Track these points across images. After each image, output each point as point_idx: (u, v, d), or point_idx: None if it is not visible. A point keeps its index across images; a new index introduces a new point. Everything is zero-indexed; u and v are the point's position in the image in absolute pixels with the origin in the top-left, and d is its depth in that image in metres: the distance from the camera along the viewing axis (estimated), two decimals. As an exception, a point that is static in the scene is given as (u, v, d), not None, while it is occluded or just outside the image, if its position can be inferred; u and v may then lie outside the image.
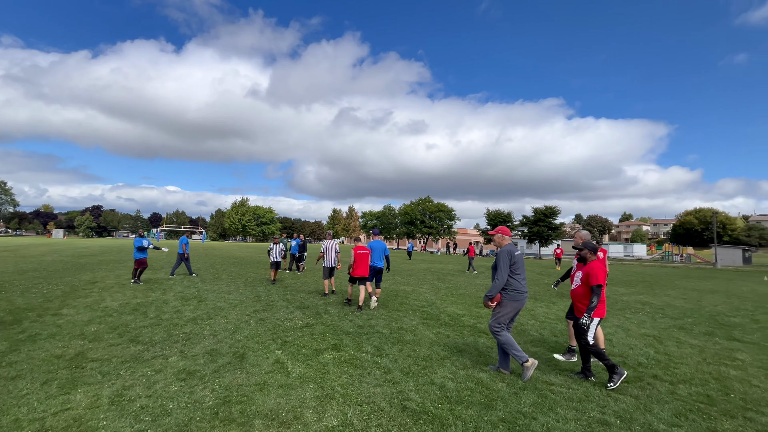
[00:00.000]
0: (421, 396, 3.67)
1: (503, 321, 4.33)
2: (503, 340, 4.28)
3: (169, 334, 5.58)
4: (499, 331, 4.32)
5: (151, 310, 7.25)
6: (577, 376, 4.31)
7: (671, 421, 3.30)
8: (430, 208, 59.50)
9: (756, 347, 5.91)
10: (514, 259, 4.35)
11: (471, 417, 3.26)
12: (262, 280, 12.46)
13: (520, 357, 4.19)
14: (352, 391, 3.74)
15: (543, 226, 41.53)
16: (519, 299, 4.31)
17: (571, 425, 3.18)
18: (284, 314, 7.21)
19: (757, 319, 8.36)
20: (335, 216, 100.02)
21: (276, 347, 5.10)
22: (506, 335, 4.30)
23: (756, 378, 4.47)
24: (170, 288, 10.02)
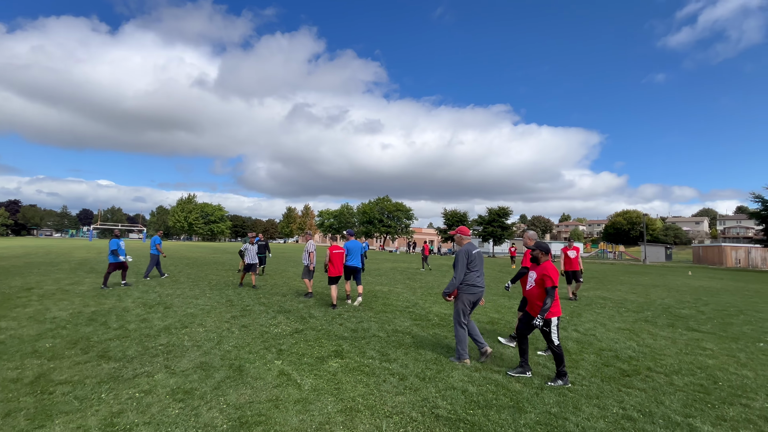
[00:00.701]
0: (448, 402, 3.55)
1: (465, 312, 4.73)
2: (459, 334, 4.71)
3: (144, 348, 4.93)
4: (465, 324, 4.73)
5: (112, 319, 6.41)
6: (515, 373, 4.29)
7: (684, 412, 3.50)
8: (389, 207, 59.91)
9: (714, 337, 6.55)
10: (471, 258, 4.73)
11: (507, 422, 3.20)
12: (227, 282, 11.64)
13: (461, 354, 4.66)
14: (375, 402, 3.53)
15: (496, 226, 43.57)
16: (474, 292, 4.74)
17: (600, 423, 3.24)
18: (267, 320, 6.74)
19: (702, 310, 9.33)
20: (290, 214, 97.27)
21: (273, 357, 4.71)
22: (463, 332, 4.72)
23: (730, 366, 4.92)
24: (126, 293, 8.98)
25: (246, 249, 10.77)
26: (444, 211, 49.23)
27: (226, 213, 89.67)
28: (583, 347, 5.55)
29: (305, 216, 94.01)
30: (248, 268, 10.79)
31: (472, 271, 4.72)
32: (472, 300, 4.76)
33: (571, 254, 10.25)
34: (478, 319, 7.31)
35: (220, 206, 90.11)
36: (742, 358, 5.30)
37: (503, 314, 8.03)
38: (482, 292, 4.81)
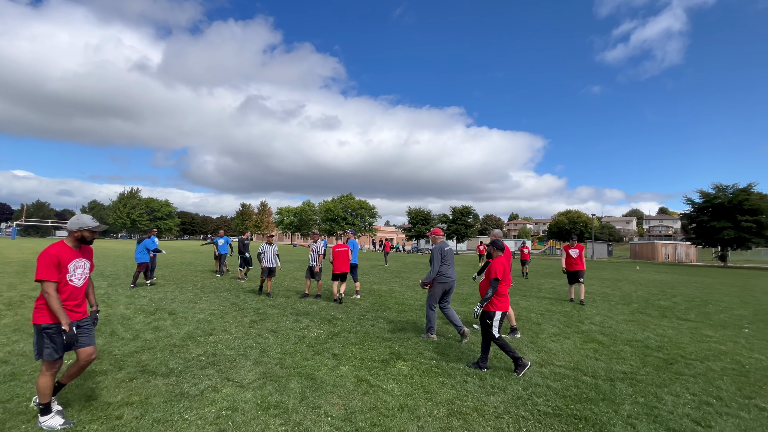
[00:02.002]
0: (543, 399, 3.61)
1: (436, 297, 5.69)
2: (429, 315, 5.68)
3: (183, 359, 4.46)
4: (434, 307, 5.66)
5: (118, 329, 5.72)
6: (472, 367, 4.40)
7: (742, 394, 3.87)
8: (353, 205, 59.46)
9: (705, 325, 7.31)
10: (444, 254, 5.68)
11: (610, 414, 3.32)
12: (214, 285, 10.90)
13: (430, 330, 5.64)
14: (474, 403, 3.49)
15: (460, 224, 45.06)
16: (446, 281, 5.69)
17: (686, 409, 3.48)
18: (291, 323, 6.40)
19: (676, 301, 10.37)
20: (245, 211, 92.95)
21: (334, 362, 4.49)
22: (432, 313, 5.66)
23: (743, 351, 5.52)
24: (113, 299, 8.05)
25: (264, 251, 9.17)
26: (408, 210, 49.97)
27: (174, 209, 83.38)
28: (612, 339, 5.91)
29: (262, 213, 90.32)
30: (268, 272, 9.10)
31: (444, 265, 5.67)
32: (445, 288, 5.70)
33: (573, 253, 9.43)
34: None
35: (168, 202, 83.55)
36: (744, 343, 5.97)
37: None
38: (453, 282, 5.74)
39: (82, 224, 3.05)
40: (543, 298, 10.11)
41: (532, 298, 10.15)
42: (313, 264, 8.96)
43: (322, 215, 62.05)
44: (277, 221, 72.76)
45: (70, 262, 2.94)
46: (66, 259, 2.92)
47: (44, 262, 2.81)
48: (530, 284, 13.57)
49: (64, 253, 2.94)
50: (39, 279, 2.78)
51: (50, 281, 2.79)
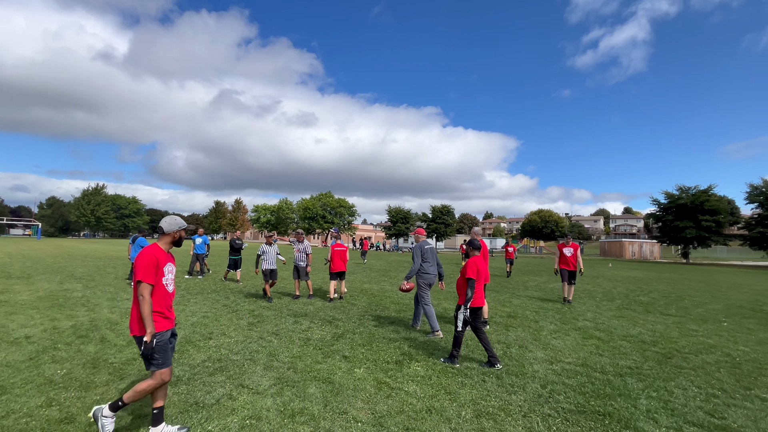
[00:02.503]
0: (564, 397, 3.67)
1: (426, 293, 5.99)
2: (427, 312, 5.88)
3: (189, 366, 4.23)
4: (427, 302, 5.94)
5: (108, 335, 5.37)
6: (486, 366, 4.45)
7: (741, 385, 4.09)
8: (331, 203, 58.91)
9: (687, 319, 7.71)
10: (424, 251, 6.06)
11: (630, 408, 3.42)
12: (201, 286, 10.49)
13: (434, 327, 5.81)
14: (498, 403, 3.50)
15: (440, 223, 45.58)
16: (426, 278, 6.04)
17: (696, 402, 3.64)
18: (292, 325, 6.23)
19: (654, 297, 10.89)
20: (218, 209, 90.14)
21: (347, 365, 4.39)
22: (430, 309, 5.89)
23: (728, 343, 5.85)
24: (91, 303, 7.55)
25: (264, 252, 8.77)
26: (388, 208, 50.03)
27: (143, 207, 79.54)
28: (609, 335, 6.12)
29: (236, 211, 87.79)
30: (270, 275, 8.60)
31: (425, 262, 6.03)
32: (428, 283, 6.06)
33: (567, 252, 9.18)
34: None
35: (136, 199, 79.64)
36: (728, 336, 6.33)
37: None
38: (434, 278, 6.10)
39: (180, 224, 2.94)
40: (532, 296, 10.36)
41: (522, 296, 10.38)
42: (301, 264, 8.77)
43: (301, 213, 61.14)
44: (253, 219, 71.01)
45: (165, 265, 2.81)
46: (162, 262, 2.78)
47: (145, 262, 2.66)
48: (515, 282, 13.88)
49: (161, 255, 2.80)
50: (139, 280, 2.62)
51: (148, 284, 2.64)
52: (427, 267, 6.04)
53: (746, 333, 6.61)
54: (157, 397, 2.80)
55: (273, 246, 8.88)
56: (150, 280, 2.65)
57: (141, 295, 2.62)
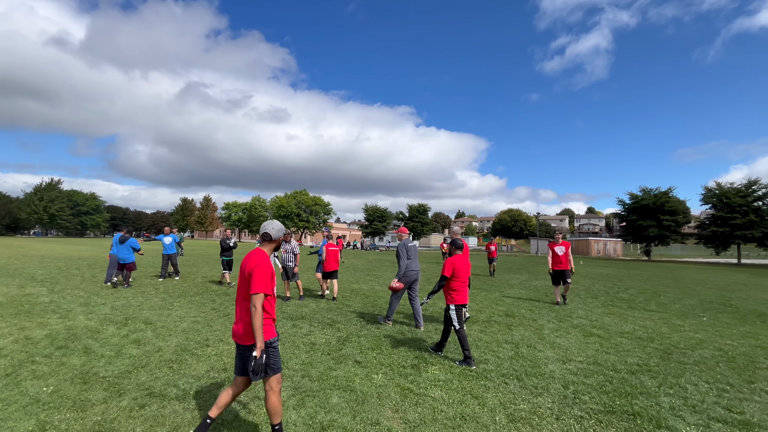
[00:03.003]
0: (589, 397, 3.67)
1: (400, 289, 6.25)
2: (392, 303, 6.29)
3: (191, 377, 3.91)
4: (398, 296, 6.28)
5: (92, 344, 4.89)
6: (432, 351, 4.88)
7: (743, 379, 4.27)
8: (307, 201, 57.88)
9: (669, 315, 8.07)
10: (408, 249, 6.31)
11: (654, 406, 3.47)
12: (182, 289, 9.91)
13: (389, 316, 6.31)
14: (528, 406, 3.45)
15: (417, 221, 45.88)
16: (409, 275, 6.26)
17: (711, 397, 3.75)
18: (292, 329, 5.97)
19: (632, 294, 11.39)
20: (186, 206, 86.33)
21: (363, 371, 4.21)
22: (396, 303, 6.30)
23: (715, 338, 6.14)
24: (63, 309, 6.90)
25: (285, 251, 8.34)
26: (365, 207, 49.78)
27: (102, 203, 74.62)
28: (607, 332, 6.28)
29: (205, 208, 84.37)
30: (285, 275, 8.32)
31: (408, 259, 6.26)
32: (408, 280, 6.25)
33: (558, 251, 8.75)
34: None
35: (95, 195, 74.60)
36: (713, 331, 6.66)
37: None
38: (417, 274, 6.32)
39: (284, 229, 2.93)
40: (521, 294, 10.55)
41: (511, 295, 10.54)
42: (290, 265, 8.46)
43: (274, 211, 59.66)
44: (224, 217, 68.57)
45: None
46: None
47: (266, 273, 2.59)
48: (498, 281, 14.11)
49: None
50: (258, 291, 2.52)
51: (265, 294, 2.57)
52: (410, 264, 6.29)
53: (726, 327, 6.99)
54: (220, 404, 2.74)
55: (292, 244, 8.41)
56: (269, 290, 2.61)
57: (254, 306, 2.51)
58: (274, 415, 2.66)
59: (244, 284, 2.67)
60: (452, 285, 4.73)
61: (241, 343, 2.65)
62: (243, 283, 2.68)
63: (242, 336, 2.63)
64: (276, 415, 2.66)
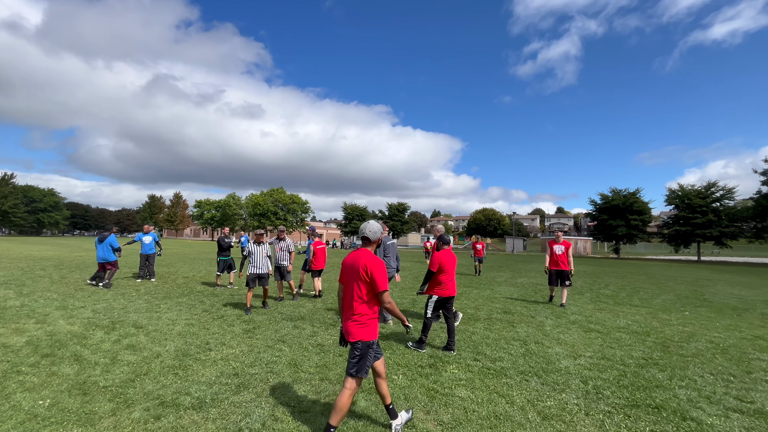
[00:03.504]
0: (611, 392, 3.73)
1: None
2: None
3: (203, 384, 3.66)
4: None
5: (82, 351, 4.51)
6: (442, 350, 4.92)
7: (741, 369, 4.49)
8: (284, 199, 56.71)
9: (653, 309, 8.43)
10: (385, 246, 6.46)
11: (672, 397, 3.57)
12: (166, 291, 9.41)
13: (385, 318, 6.30)
14: (554, 403, 3.47)
15: (396, 220, 45.97)
16: (387, 272, 6.42)
17: (719, 388, 3.91)
18: (292, 330, 5.77)
19: (614, 290, 11.84)
20: (154, 204, 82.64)
21: (381, 372, 4.10)
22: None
23: (704, 331, 6.45)
24: (38, 313, 6.36)
25: (251, 253, 7.40)
26: (344, 205, 49.35)
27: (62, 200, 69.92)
28: (604, 328, 6.46)
29: (176, 206, 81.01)
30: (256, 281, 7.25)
31: (386, 257, 6.42)
32: (388, 276, 6.08)
33: (557, 249, 8.38)
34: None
35: (53, 191, 69.73)
36: (698, 324, 7.00)
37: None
38: (394, 271, 6.51)
39: (381, 230, 3.05)
40: (511, 292, 10.73)
41: (502, 293, 10.70)
42: (284, 264, 8.17)
43: (250, 210, 58.09)
44: (196, 215, 66.10)
45: None
46: None
47: (384, 271, 2.77)
48: (485, 279, 14.31)
49: None
50: (384, 290, 2.72)
51: (387, 290, 2.77)
52: (389, 261, 6.48)
53: (709, 321, 7.37)
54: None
55: (263, 245, 7.86)
56: (387, 287, 2.77)
57: (387, 301, 2.73)
58: (338, 414, 2.65)
59: (355, 284, 2.77)
60: (439, 278, 5.04)
61: (352, 340, 2.75)
62: (354, 283, 2.78)
63: (350, 333, 2.75)
64: (340, 414, 2.66)
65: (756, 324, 7.13)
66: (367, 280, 2.71)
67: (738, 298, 10.52)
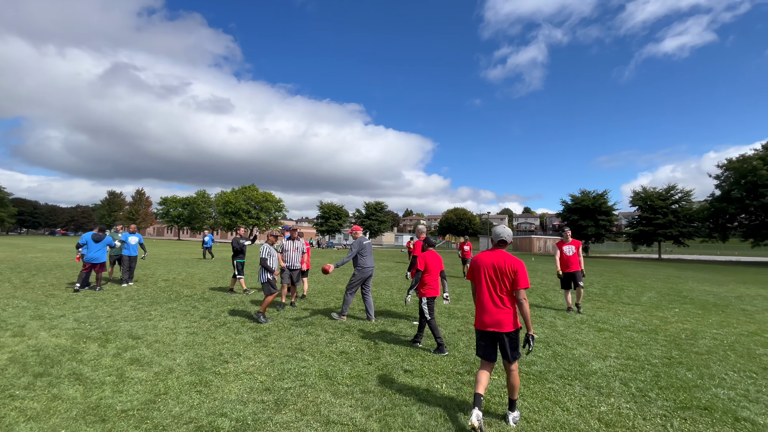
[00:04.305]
0: (656, 394, 3.74)
1: (354, 285, 6.49)
2: (346, 298, 6.49)
3: (236, 402, 3.31)
4: (352, 292, 6.49)
5: (81, 369, 4.00)
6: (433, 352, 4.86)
7: (761, 365, 4.67)
8: (256, 197, 54.97)
9: (647, 308, 8.76)
10: (362, 246, 6.50)
11: (693, 394, 3.62)
12: (152, 296, 8.72)
13: (343, 312, 6.48)
14: (607, 408, 3.41)
15: (374, 219, 45.75)
16: (364, 271, 6.48)
17: (750, 385, 4.02)
18: (307, 337, 5.45)
19: (599, 288, 12.26)
20: (114, 200, 77.66)
21: (422, 380, 3.91)
22: (350, 297, 6.49)
23: (705, 328, 6.72)
24: (10, 324, 5.64)
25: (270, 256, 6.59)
26: (320, 204, 48.50)
27: (7, 195, 63.80)
28: (614, 327, 6.58)
29: (138, 203, 76.51)
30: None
31: (363, 257, 6.46)
32: (363, 276, 6.50)
33: (568, 250, 7.80)
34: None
35: (-2, 186, 63.63)
36: (694, 321, 7.31)
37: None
38: (371, 270, 6.55)
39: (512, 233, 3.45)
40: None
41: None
42: (297, 266, 7.72)
43: (220, 208, 55.84)
44: (161, 213, 62.73)
45: None
46: None
47: (526, 269, 3.17)
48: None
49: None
50: (526, 287, 3.10)
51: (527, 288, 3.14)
52: (365, 261, 6.46)
53: (700, 317, 7.71)
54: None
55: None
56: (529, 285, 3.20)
57: (524, 298, 3.09)
58: (516, 390, 3.15)
59: (501, 281, 3.17)
60: (424, 279, 5.14)
61: (499, 330, 3.12)
62: (500, 280, 3.17)
63: (504, 324, 3.10)
64: (517, 390, 3.16)
65: (742, 320, 7.53)
66: (512, 278, 3.11)
67: (713, 295, 11.16)
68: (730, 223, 32.24)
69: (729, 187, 30.88)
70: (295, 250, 7.72)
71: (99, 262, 8.93)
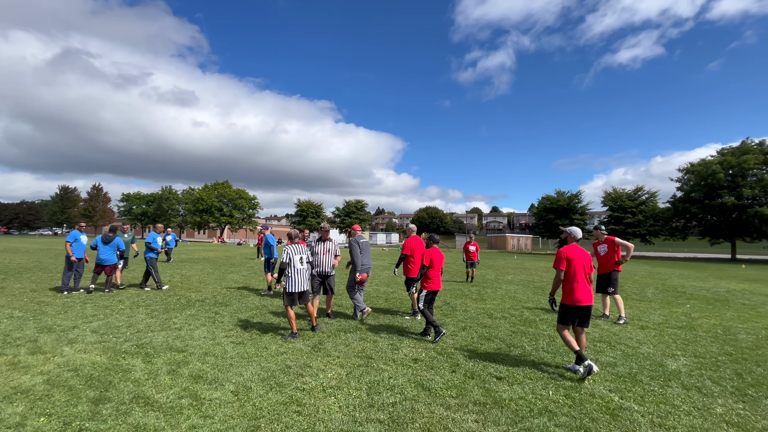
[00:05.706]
0: (755, 385, 3.76)
1: (354, 282, 6.62)
2: (354, 297, 6.63)
3: (353, 422, 2.96)
4: (354, 289, 6.65)
5: (146, 391, 3.46)
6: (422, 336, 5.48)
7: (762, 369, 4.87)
8: (230, 194, 52.75)
9: (657, 304, 9.08)
10: (361, 245, 6.63)
11: (718, 388, 3.70)
12: (162, 300, 7.97)
13: (360, 308, 6.50)
14: (723, 410, 3.38)
15: (354, 218, 45.21)
16: (362, 270, 6.63)
17: None
18: (361, 343, 5.12)
19: (601, 285, 12.65)
20: (67, 196, 71.78)
21: (520, 390, 3.72)
22: (354, 294, 6.63)
23: (730, 322, 7.02)
24: (24, 340, 4.88)
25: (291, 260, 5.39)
26: (298, 201, 47.30)
27: (-59, 190, 57.21)
28: (654, 324, 6.71)
29: (94, 199, 71.08)
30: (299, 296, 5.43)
31: (361, 255, 6.60)
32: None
33: (601, 250, 6.92)
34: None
35: (-72, 179, 56.88)
36: (713, 316, 7.62)
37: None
38: (369, 268, 6.73)
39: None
40: (517, 292, 10.89)
41: (518, 296, 10.82)
42: (328, 271, 6.44)
43: (189, 205, 53.07)
44: (123, 210, 58.73)
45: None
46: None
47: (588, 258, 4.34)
48: (481, 281, 14.42)
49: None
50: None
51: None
52: (363, 259, 6.63)
53: (715, 312, 8.07)
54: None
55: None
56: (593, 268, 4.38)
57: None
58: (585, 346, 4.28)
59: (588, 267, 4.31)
60: (428, 273, 5.62)
61: (590, 303, 4.22)
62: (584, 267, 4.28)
63: (591, 298, 4.24)
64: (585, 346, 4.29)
65: (754, 314, 7.96)
66: (590, 264, 4.31)
67: (705, 290, 11.81)
68: (690, 223, 34.75)
69: (690, 189, 33.24)
70: (326, 253, 6.48)
71: (109, 264, 8.57)
